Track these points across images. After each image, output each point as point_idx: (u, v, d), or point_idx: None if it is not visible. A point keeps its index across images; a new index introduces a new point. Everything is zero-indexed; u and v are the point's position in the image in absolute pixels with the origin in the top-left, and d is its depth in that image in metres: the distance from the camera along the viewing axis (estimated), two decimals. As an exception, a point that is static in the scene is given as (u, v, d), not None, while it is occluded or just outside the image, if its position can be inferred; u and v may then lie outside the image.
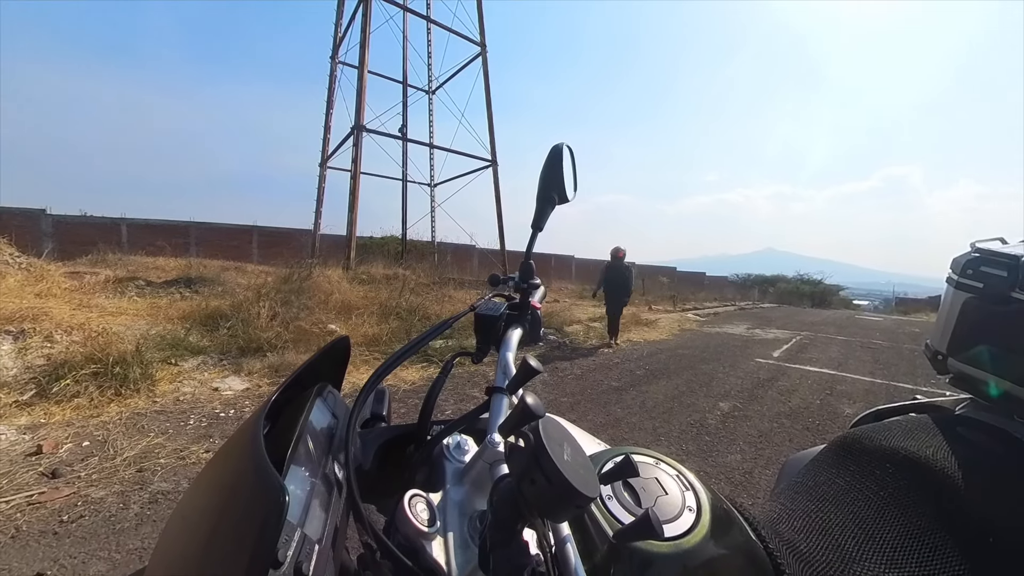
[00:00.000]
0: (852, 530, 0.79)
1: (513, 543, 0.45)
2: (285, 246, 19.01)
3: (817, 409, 5.10)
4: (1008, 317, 0.97)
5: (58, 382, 3.63)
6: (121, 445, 2.97)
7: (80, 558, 1.94)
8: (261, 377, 4.64)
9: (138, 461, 2.80)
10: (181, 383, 4.26)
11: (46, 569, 1.86)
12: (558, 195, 0.88)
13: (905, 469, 0.87)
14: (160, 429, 3.27)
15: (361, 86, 13.89)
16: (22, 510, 2.23)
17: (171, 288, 8.11)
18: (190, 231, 18.81)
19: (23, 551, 1.95)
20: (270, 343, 5.40)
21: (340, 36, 17.78)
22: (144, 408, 3.63)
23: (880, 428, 1.00)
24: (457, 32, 17.19)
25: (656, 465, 0.67)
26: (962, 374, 1.05)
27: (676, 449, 3.73)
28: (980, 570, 0.73)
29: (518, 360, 0.69)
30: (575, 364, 6.75)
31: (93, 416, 3.39)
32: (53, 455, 2.80)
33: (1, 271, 6.15)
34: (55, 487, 2.46)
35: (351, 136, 14.48)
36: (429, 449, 0.65)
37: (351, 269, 11.70)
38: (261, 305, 6.15)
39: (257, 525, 0.37)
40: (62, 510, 2.26)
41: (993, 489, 0.82)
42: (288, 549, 0.40)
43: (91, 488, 2.48)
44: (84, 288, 7.07)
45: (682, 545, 0.57)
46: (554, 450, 0.42)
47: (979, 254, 1.05)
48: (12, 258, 6.84)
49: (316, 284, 7.84)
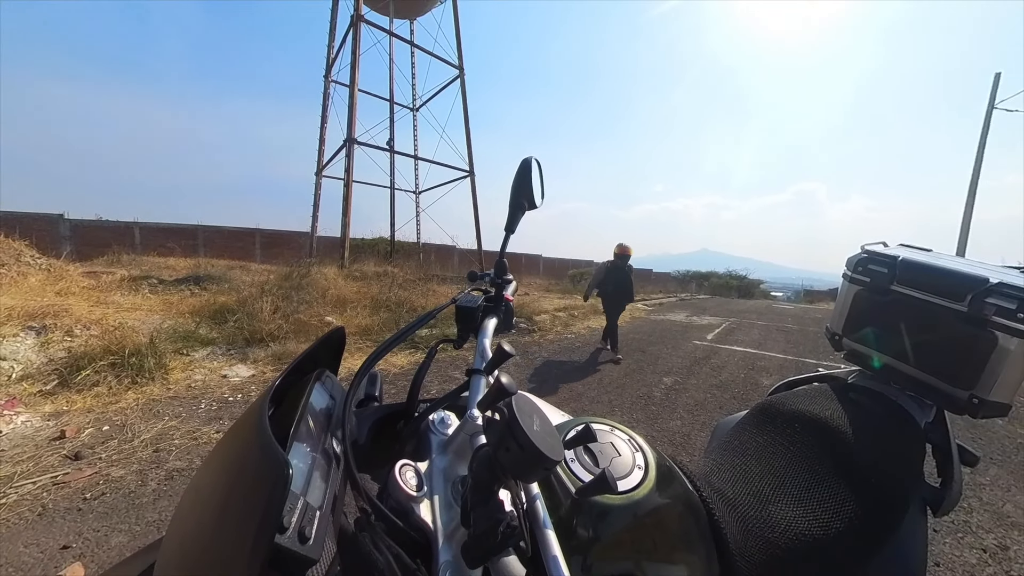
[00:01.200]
0: (768, 478, 0.82)
1: (490, 502, 0.45)
2: (285, 247, 18.45)
3: (742, 381, 5.22)
4: (888, 305, 1.02)
5: (79, 372, 3.48)
6: (138, 428, 2.87)
7: (103, 531, 1.88)
8: (265, 365, 4.53)
9: (154, 442, 2.71)
10: (192, 371, 4.12)
11: (71, 542, 1.79)
12: (528, 202, 0.87)
13: (809, 428, 0.90)
14: (174, 413, 3.17)
15: (352, 103, 13.52)
16: (48, 490, 2.14)
17: (181, 286, 7.79)
18: (198, 233, 18.03)
19: (49, 527, 1.88)
20: (273, 334, 5.27)
21: (333, 57, 17.24)
22: (159, 395, 3.50)
23: (790, 395, 1.02)
24: (438, 56, 17.07)
25: (611, 432, 0.67)
26: (853, 350, 1.10)
27: (628, 417, 3.78)
28: (864, 506, 0.78)
29: (494, 345, 0.69)
30: (543, 348, 6.75)
31: (112, 403, 3.25)
32: (75, 439, 2.69)
33: (23, 272, 5.82)
34: (78, 468, 2.36)
35: (344, 148, 14.14)
36: (417, 424, 0.64)
37: (345, 267, 11.43)
38: (264, 300, 5.97)
39: (264, 496, 0.37)
40: (85, 489, 2.18)
41: (875, 442, 0.87)
42: (292, 516, 0.40)
43: (111, 468, 2.39)
44: (101, 286, 6.75)
45: (633, 497, 0.58)
46: (525, 422, 0.42)
47: (867, 255, 1.09)
48: (33, 260, 6.47)
49: (314, 281, 7.63)
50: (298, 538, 0.39)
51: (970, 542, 2.33)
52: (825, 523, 0.74)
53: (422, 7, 19.01)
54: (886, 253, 1.06)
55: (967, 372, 0.88)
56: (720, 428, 1.05)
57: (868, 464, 0.83)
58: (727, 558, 0.65)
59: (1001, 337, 0.84)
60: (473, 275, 0.95)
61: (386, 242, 20.47)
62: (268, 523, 0.35)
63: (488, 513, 0.44)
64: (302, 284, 7.29)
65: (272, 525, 0.36)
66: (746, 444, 0.91)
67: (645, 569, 0.56)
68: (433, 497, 0.50)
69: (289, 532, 0.39)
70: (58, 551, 1.74)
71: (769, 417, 0.96)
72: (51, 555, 1.72)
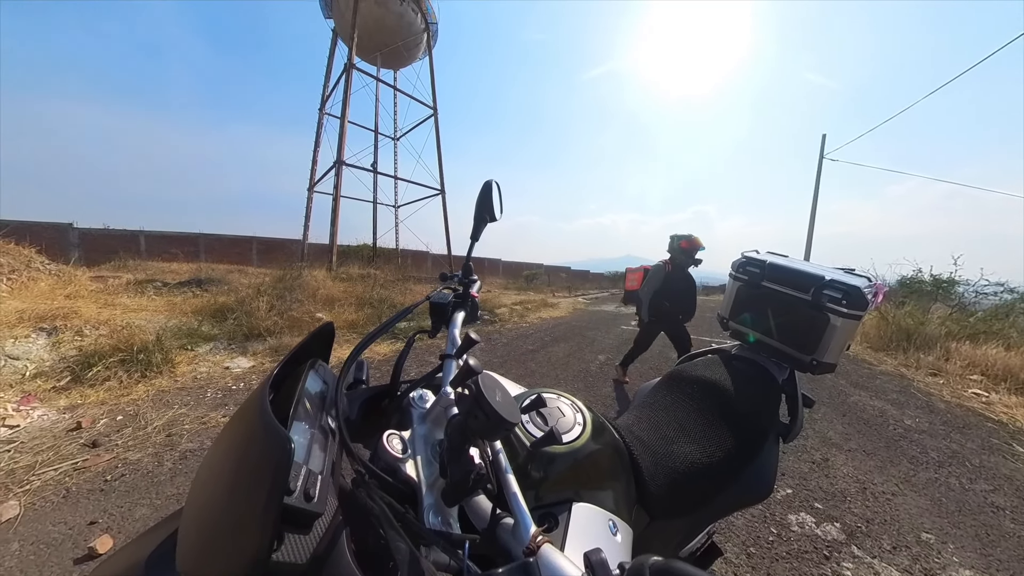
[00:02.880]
0: (673, 425, 0.86)
1: (463, 458, 0.46)
2: (280, 252, 17.37)
3: (657, 356, 5.43)
4: (759, 296, 1.08)
5: (90, 369, 3.18)
6: (150, 417, 2.67)
7: (126, 507, 1.76)
8: (264, 357, 4.30)
9: (166, 428, 2.53)
10: (197, 365, 3.86)
11: (97, 518, 1.67)
12: (489, 215, 0.86)
13: (704, 387, 0.94)
14: (183, 402, 2.97)
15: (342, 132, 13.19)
16: (70, 475, 1.97)
17: (184, 288, 7.22)
18: (199, 241, 16.65)
19: (75, 507, 1.74)
20: (269, 329, 5.00)
21: (327, 95, 17.01)
22: (167, 386, 3.26)
23: (691, 364, 1.05)
24: (416, 99, 17.58)
25: (558, 398, 0.69)
26: (736, 330, 1.13)
27: (570, 387, 3.85)
28: (739, 438, 0.85)
29: (462, 334, 0.69)
30: (503, 335, 6.76)
31: (123, 395, 3.00)
32: (91, 429, 2.47)
33: (33, 277, 5.18)
34: (96, 454, 2.18)
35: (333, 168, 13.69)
36: (399, 401, 0.62)
37: (333, 270, 10.99)
38: (260, 300, 5.63)
39: (271, 467, 0.36)
40: (105, 472, 2.02)
41: (748, 395, 0.94)
42: (297, 481, 0.39)
43: (128, 452, 2.22)
44: (108, 290, 6.12)
45: (574, 446, 0.61)
46: (489, 395, 0.43)
47: (745, 259, 1.14)
48: (43, 265, 5.77)
49: (305, 282, 7.28)
50: (304, 498, 0.39)
51: (805, 458, 2.69)
52: (711, 453, 0.80)
53: (404, 61, 19.20)
54: (758, 258, 1.11)
55: (810, 342, 0.96)
56: (640, 391, 1.05)
57: (742, 411, 0.89)
58: (642, 484, 0.71)
59: (832, 317, 0.92)
60: (444, 276, 0.93)
61: (369, 248, 19.80)
62: (277, 488, 0.35)
63: (462, 466, 0.45)
64: (295, 285, 6.93)
65: (280, 490, 0.35)
66: (658, 402, 0.94)
67: (582, 495, 0.58)
68: (416, 457, 0.50)
69: (296, 494, 0.39)
70: (86, 527, 1.62)
71: (676, 381, 0.99)
72: (79, 531, 1.60)
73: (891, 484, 2.39)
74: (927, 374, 5.34)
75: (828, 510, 2.07)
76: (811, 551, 1.74)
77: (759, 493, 0.84)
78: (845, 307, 0.90)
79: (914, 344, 6.40)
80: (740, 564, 1.63)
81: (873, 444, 2.98)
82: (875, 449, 2.89)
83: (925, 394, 4.45)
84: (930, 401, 4.18)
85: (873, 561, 1.71)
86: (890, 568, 1.67)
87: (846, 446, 2.91)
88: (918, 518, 2.06)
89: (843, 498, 2.20)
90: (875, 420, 3.50)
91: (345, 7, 15.42)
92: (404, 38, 17.52)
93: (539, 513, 0.54)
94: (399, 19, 16.86)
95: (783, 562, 1.66)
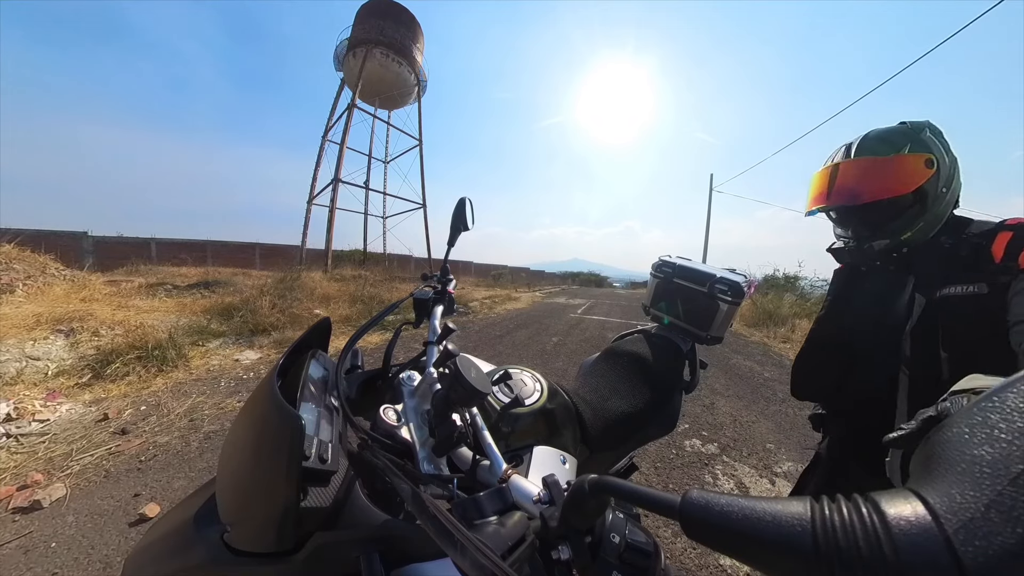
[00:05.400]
0: (608, 387, 0.88)
1: (447, 422, 0.46)
2: (280, 257, 16.17)
3: (597, 337, 5.65)
4: (672, 289, 1.09)
5: (109, 366, 2.90)
6: (172, 406, 2.50)
7: (164, 480, 1.69)
8: (269, 349, 4.08)
9: (188, 414, 2.39)
10: (209, 358, 3.61)
11: (140, 491, 1.60)
12: (463, 226, 0.84)
13: (632, 358, 0.96)
14: (200, 391, 2.80)
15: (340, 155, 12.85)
16: (106, 459, 1.85)
17: (193, 290, 6.61)
18: (207, 247, 15.14)
19: (117, 484, 1.65)
20: (273, 325, 4.72)
21: (331, 125, 17.07)
22: (183, 379, 3.05)
23: (622, 342, 1.07)
24: (405, 132, 18.93)
25: (521, 372, 0.69)
26: (655, 315, 1.15)
27: (531, 363, 3.96)
28: (654, 392, 0.89)
29: (442, 324, 0.68)
30: (475, 324, 6.74)
31: (144, 388, 2.77)
32: (118, 419, 2.29)
33: (49, 282, 4.57)
34: (127, 440, 2.03)
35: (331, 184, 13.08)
36: (391, 381, 0.61)
37: (329, 272, 10.49)
38: (264, 299, 5.29)
39: (287, 439, 0.36)
40: (138, 455, 1.90)
41: (662, 362, 0.97)
42: (311, 448, 0.39)
43: (156, 437, 2.09)
44: (121, 293, 5.47)
45: (534, 407, 0.62)
46: (466, 372, 0.43)
47: (661, 261, 1.16)
48: (58, 271, 5.08)
49: (304, 283, 6.89)
50: (319, 460, 0.39)
51: (699, 403, 3.06)
52: (634, 404, 0.84)
53: (398, 104, 20.28)
54: (670, 261, 1.14)
55: (706, 322, 1.02)
56: (584, 364, 1.06)
57: (658, 373, 0.93)
58: (585, 429, 0.73)
59: (721, 304, 0.99)
60: (425, 276, 0.90)
61: (360, 253, 19.05)
62: (295, 455, 0.35)
63: (447, 428, 0.45)
64: (294, 286, 6.55)
65: (298, 456, 0.35)
66: (597, 371, 0.95)
67: (540, 441, 0.59)
68: (409, 424, 0.49)
69: (312, 459, 0.39)
70: (131, 498, 1.55)
71: (612, 355, 1.00)
72: (126, 502, 1.53)
73: (752, 416, 2.82)
74: (781, 341, 6.06)
75: (710, 435, 2.45)
76: (697, 462, 2.08)
77: (666, 428, 0.91)
78: (730, 297, 0.97)
79: (773, 321, 7.24)
80: (650, 474, 1.94)
81: (743, 390, 3.41)
82: (744, 394, 3.32)
83: (779, 355, 5.08)
84: (781, 360, 4.77)
85: (735, 464, 2.09)
86: (744, 466, 2.06)
87: (726, 393, 3.31)
88: (766, 435, 2.46)
89: (720, 427, 2.59)
90: (746, 374, 3.97)
91: (353, 64, 16.36)
92: (399, 89, 18.52)
93: (508, 456, 0.54)
94: (396, 76, 17.85)
95: (679, 470, 1.99)
